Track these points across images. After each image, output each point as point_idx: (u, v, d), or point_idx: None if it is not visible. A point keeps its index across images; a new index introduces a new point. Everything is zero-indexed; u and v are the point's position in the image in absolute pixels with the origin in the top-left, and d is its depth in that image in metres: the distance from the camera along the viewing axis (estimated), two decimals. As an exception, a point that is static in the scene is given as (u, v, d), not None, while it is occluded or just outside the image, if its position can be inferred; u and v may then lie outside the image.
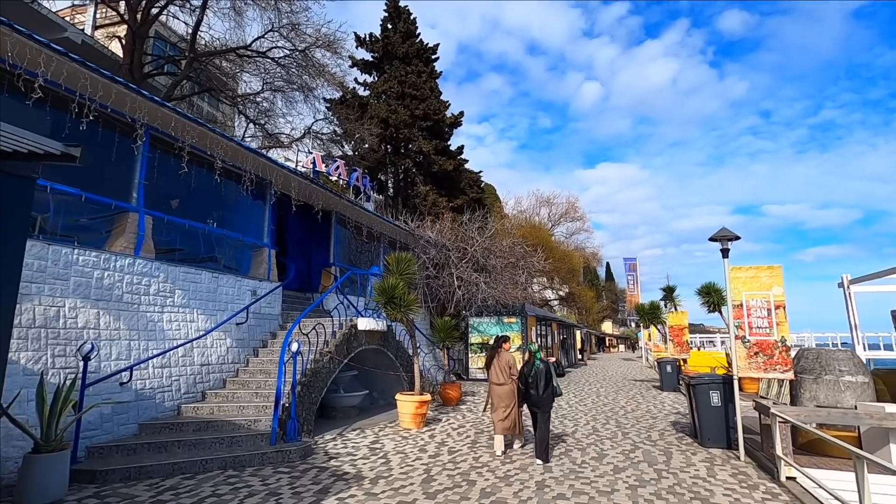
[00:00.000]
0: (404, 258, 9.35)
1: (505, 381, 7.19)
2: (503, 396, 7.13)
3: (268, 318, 9.86)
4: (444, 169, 22.35)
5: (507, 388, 7.17)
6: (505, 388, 7.18)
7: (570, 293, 43.24)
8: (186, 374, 7.72)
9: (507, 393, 7.14)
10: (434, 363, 16.13)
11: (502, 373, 7.23)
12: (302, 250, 12.42)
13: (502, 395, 7.15)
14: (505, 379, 7.20)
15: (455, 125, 23.83)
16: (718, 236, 7.26)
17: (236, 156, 8.84)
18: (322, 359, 8.59)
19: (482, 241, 16.55)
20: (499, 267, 16.61)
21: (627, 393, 15.09)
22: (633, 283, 38.68)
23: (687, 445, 7.58)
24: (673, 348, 17.21)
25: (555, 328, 25.28)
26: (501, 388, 7.19)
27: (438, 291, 15.81)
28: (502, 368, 7.25)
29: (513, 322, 18.34)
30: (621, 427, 9.14)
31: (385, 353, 10.95)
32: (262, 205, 10.29)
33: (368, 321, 9.93)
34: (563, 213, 46.01)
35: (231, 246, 9.40)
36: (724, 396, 7.37)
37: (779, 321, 6.78)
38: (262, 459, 6.34)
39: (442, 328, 12.24)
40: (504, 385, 7.19)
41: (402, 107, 21.81)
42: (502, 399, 7.13)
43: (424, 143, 21.78)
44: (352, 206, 12.49)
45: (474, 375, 18.39)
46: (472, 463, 6.56)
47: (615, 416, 10.40)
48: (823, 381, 6.53)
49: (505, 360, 7.30)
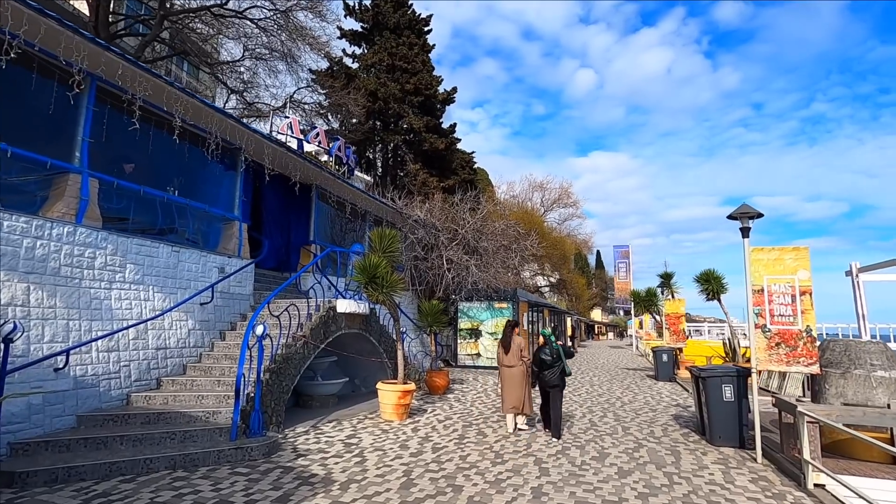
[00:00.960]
0: (388, 234, 8.50)
1: (516, 364, 7.44)
2: (515, 379, 7.39)
3: (238, 299, 8.98)
4: (435, 147, 21.36)
5: (518, 370, 7.42)
6: (515, 370, 7.42)
7: (562, 280, 42.71)
8: (139, 358, 6.85)
9: (518, 374, 7.39)
10: (421, 349, 15.39)
11: (514, 356, 7.46)
12: (279, 226, 11.49)
13: (514, 377, 7.40)
14: (516, 362, 7.45)
15: (447, 102, 22.77)
16: (738, 213, 6.50)
17: (199, 115, 7.86)
18: (295, 343, 7.76)
19: (474, 223, 15.72)
20: (490, 249, 15.82)
21: (622, 383, 14.49)
22: (624, 270, 38.20)
23: (695, 443, 6.91)
24: (669, 337, 16.64)
25: (546, 314, 24.69)
26: (513, 370, 7.43)
27: (427, 274, 15.00)
28: (514, 352, 7.48)
29: (504, 307, 17.62)
30: (620, 421, 8.46)
31: (367, 339, 10.14)
32: (233, 174, 9.33)
33: (349, 303, 9.09)
34: (555, 199, 45.18)
35: (196, 218, 8.46)
36: (737, 391, 6.68)
37: (804, 309, 6.07)
38: (218, 458, 5.54)
39: (429, 312, 11.45)
40: (515, 367, 7.43)
41: (392, 80, 20.71)
42: (514, 380, 7.38)
43: (415, 120, 20.75)
44: (333, 179, 11.54)
45: (463, 362, 17.71)
46: (459, 463, 5.81)
47: (612, 409, 9.74)
48: (852, 376, 5.85)
49: (517, 344, 7.52)
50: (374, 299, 8.05)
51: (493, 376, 14.69)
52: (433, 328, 11.56)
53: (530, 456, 6.15)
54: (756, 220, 6.43)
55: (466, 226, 15.96)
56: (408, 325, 13.79)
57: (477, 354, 17.65)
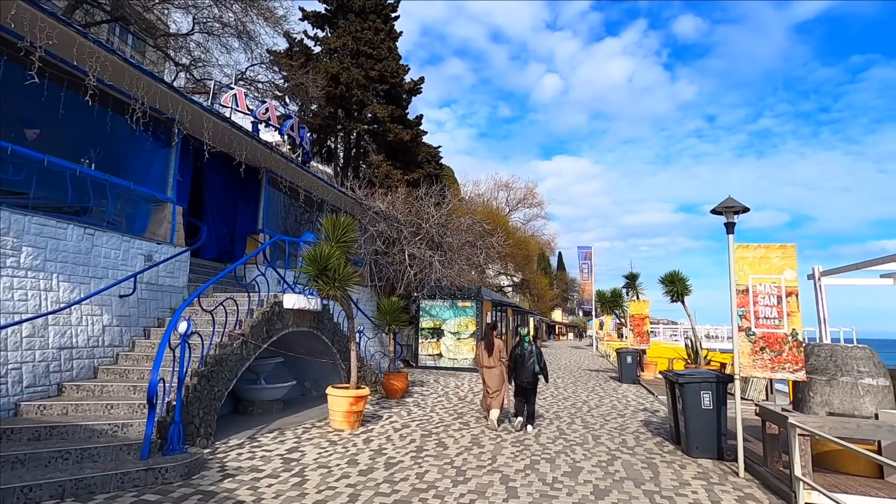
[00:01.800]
0: (343, 223, 7.63)
1: (495, 365, 7.84)
2: (495, 378, 7.79)
3: (168, 291, 7.90)
4: (400, 139, 20.47)
5: (497, 370, 7.82)
6: (495, 370, 7.82)
7: (525, 280, 42.63)
8: (34, 360, 5.72)
9: (497, 374, 7.79)
10: (380, 349, 14.54)
11: (494, 357, 7.86)
12: (223, 213, 10.38)
13: (494, 377, 7.80)
14: (496, 363, 7.85)
15: (414, 92, 21.91)
16: (722, 207, 6.04)
17: (121, 76, 6.75)
18: (232, 343, 6.79)
19: (438, 217, 14.98)
20: (455, 246, 15.12)
21: (586, 385, 14.12)
22: (586, 271, 38.43)
23: (671, 454, 6.42)
24: (633, 338, 16.45)
25: (510, 314, 24.29)
26: (492, 371, 7.82)
27: (387, 269, 14.15)
28: (494, 354, 7.87)
29: (467, 306, 16.99)
30: (590, 428, 7.93)
31: (319, 338, 9.23)
32: (166, 150, 8.21)
33: (297, 298, 8.17)
34: (521, 199, 45.06)
35: (118, 197, 7.33)
36: (716, 398, 6.23)
37: (790, 311, 5.65)
38: (122, 482, 4.56)
39: (389, 310, 10.63)
40: (494, 368, 7.83)
41: (356, 66, 19.67)
42: (493, 379, 7.78)
43: (379, 109, 19.79)
44: (286, 162, 10.52)
45: (424, 363, 16.96)
46: (416, 483, 5.06)
47: (580, 414, 9.22)
48: (839, 384, 5.48)
49: (496, 346, 7.91)
50: (325, 294, 7.17)
51: (454, 378, 14.01)
52: (392, 327, 10.75)
53: (496, 472, 5.46)
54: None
55: (431, 220, 15.20)
56: (365, 323, 12.92)
57: (439, 355, 16.95)
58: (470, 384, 13.02)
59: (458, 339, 16.84)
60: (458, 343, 16.82)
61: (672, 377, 6.72)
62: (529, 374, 7.58)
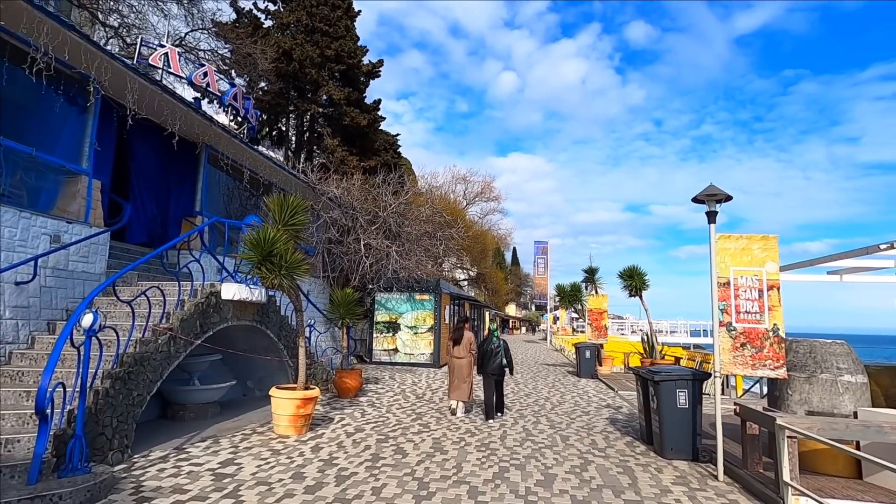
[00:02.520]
0: (292, 203, 6.77)
1: (465, 356, 8.16)
2: (463, 369, 8.11)
3: (81, 279, 6.77)
4: (356, 123, 19.46)
5: (466, 360, 8.14)
6: (464, 360, 8.14)
7: (481, 274, 42.52)
8: None
9: (466, 365, 8.12)
10: (332, 344, 13.65)
11: (463, 349, 8.17)
12: (155, 191, 9.19)
13: (462, 367, 8.12)
14: (465, 354, 8.16)
15: (372, 75, 20.91)
16: (704, 196, 5.70)
17: (17, 17, 5.59)
18: (156, 339, 5.84)
19: (397, 206, 14.23)
20: (414, 235, 14.42)
21: (545, 380, 13.86)
22: (543, 266, 38.73)
23: (644, 456, 6.07)
24: (591, 332, 16.39)
25: (467, 308, 23.87)
26: (462, 361, 8.14)
27: (341, 260, 13.27)
28: (464, 345, 8.18)
29: (425, 299, 16.35)
30: (556, 428, 7.51)
31: (263, 333, 8.32)
32: (82, 114, 7.02)
33: (238, 288, 7.24)
34: (478, 193, 44.88)
35: (16, 165, 6.13)
36: (692, 397, 5.93)
37: (772, 305, 5.39)
38: (-2, 515, 3.62)
39: (342, 302, 9.82)
40: (464, 359, 8.15)
41: (311, 43, 18.46)
42: (462, 370, 8.11)
43: (335, 90, 18.70)
44: (228, 137, 9.44)
45: (379, 358, 16.20)
46: (372, 500, 4.38)
47: (544, 412, 8.83)
48: (818, 381, 5.27)
49: (466, 338, 8.24)
50: (269, 283, 6.31)
51: (411, 374, 13.36)
52: (346, 321, 9.94)
53: (462, 484, 4.88)
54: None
55: (388, 209, 14.41)
56: (317, 317, 12.03)
57: (394, 350, 16.23)
58: (428, 381, 12.42)
59: (416, 334, 16.19)
60: (415, 338, 16.17)
61: (646, 374, 6.37)
62: (497, 366, 8.08)
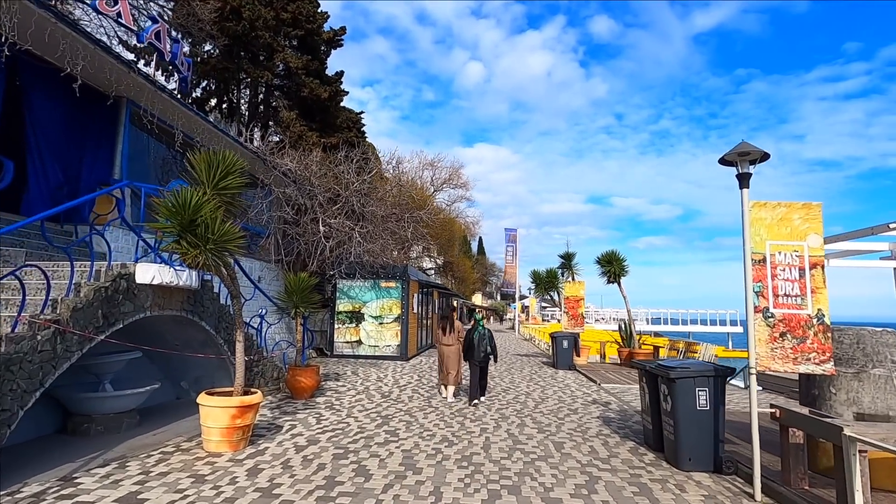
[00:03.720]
0: (224, 159, 5.34)
1: (453, 343, 8.52)
2: (452, 355, 8.50)
3: (-60, 257, 5.17)
4: (316, 95, 17.80)
5: (454, 348, 8.51)
6: (453, 348, 8.51)
7: (448, 262, 41.50)
8: None
9: (455, 352, 8.50)
10: (287, 337, 12.23)
11: (452, 337, 8.54)
12: (62, 154, 7.51)
13: (451, 353, 8.51)
14: (454, 342, 8.52)
15: (334, 44, 19.23)
16: (735, 155, 4.70)
17: None
18: (35, 334, 4.39)
19: (360, 184, 12.86)
20: (379, 216, 13.10)
21: (521, 372, 12.93)
22: (511, 254, 38.05)
23: (656, 467, 5.10)
24: (567, 321, 15.59)
25: (436, 296, 22.75)
26: (451, 349, 8.52)
27: (297, 242, 11.82)
28: (452, 332, 8.56)
29: (392, 287, 15.08)
30: (546, 432, 6.49)
31: (197, 325, 6.90)
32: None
33: (160, 270, 5.79)
34: (446, 179, 43.51)
35: None
36: (713, 396, 4.98)
37: (815, 287, 4.47)
38: None
39: (296, 288, 8.45)
40: (452, 346, 8.52)
41: (265, 4, 16.64)
42: (451, 357, 8.50)
43: (292, 58, 16.96)
44: (152, 89, 7.82)
45: (341, 351, 14.86)
46: (321, 554, 3.17)
47: (528, 412, 7.81)
48: (870, 378, 4.41)
49: (455, 327, 8.65)
50: (190, 259, 4.91)
51: (376, 368, 12.12)
52: (300, 310, 8.58)
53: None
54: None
55: (351, 187, 13.01)
56: (269, 306, 10.58)
57: (358, 342, 14.93)
58: (395, 376, 11.23)
59: (381, 325, 14.93)
60: (380, 329, 14.91)
61: (655, 370, 5.39)
62: (482, 354, 8.35)
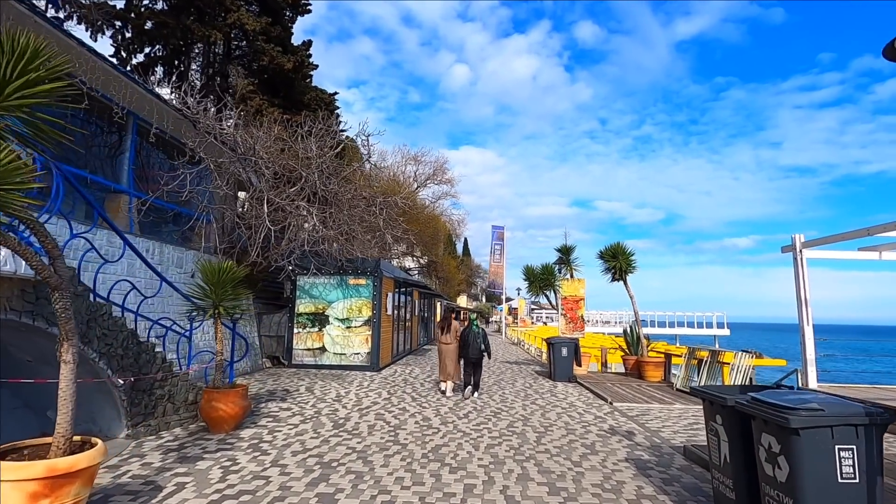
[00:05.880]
0: (17, 46, 3.12)
1: (452, 342, 9.42)
2: (451, 353, 9.37)
3: None
4: (278, 65, 15.48)
5: (453, 346, 9.40)
6: (452, 346, 9.40)
7: (432, 262, 39.31)
8: None
9: (454, 350, 9.37)
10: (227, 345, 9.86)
11: (451, 336, 9.43)
12: None
13: (450, 352, 9.38)
14: (453, 340, 9.42)
15: (299, 9, 16.89)
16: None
17: None
18: None
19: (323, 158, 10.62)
20: (346, 198, 10.88)
21: (513, 385, 10.82)
22: (498, 253, 36.06)
23: (763, 580, 3.01)
24: (565, 325, 13.53)
25: (416, 297, 20.52)
26: (450, 347, 9.41)
27: (238, 226, 9.54)
28: (452, 333, 9.45)
29: (361, 284, 12.87)
30: (559, 492, 4.35)
31: (45, 333, 4.63)
32: None
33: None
34: (430, 175, 41.39)
35: None
36: (867, 459, 2.89)
37: None
38: None
39: (215, 279, 6.17)
40: (451, 345, 9.42)
41: (217, -45, 14.28)
42: (450, 355, 9.37)
43: (248, 19, 14.62)
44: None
45: (301, 360, 12.60)
46: None
47: (529, 450, 5.67)
48: None
49: (454, 327, 9.53)
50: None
51: (339, 382, 9.83)
52: (220, 310, 6.28)
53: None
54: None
55: (313, 165, 10.74)
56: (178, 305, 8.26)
57: (321, 349, 12.67)
58: (360, 392, 9.04)
59: (349, 329, 12.70)
60: (347, 333, 12.68)
61: (751, 407, 3.28)
62: (476, 351, 9.05)
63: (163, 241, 8.83)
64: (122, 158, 8.34)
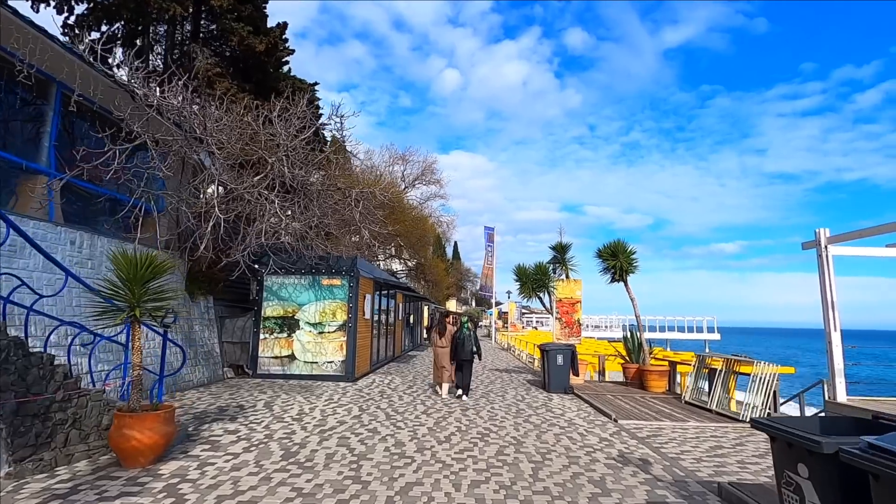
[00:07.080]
0: None
1: (447, 345, 9.76)
2: (445, 355, 9.72)
3: None
4: (249, 47, 14.24)
5: (446, 349, 9.72)
6: (445, 349, 9.75)
7: (420, 265, 38.06)
8: None
9: (447, 353, 9.68)
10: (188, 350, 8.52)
11: (445, 339, 9.82)
12: None
13: (444, 354, 9.75)
14: (447, 343, 9.77)
15: (276, -11, 15.72)
16: None
17: None
18: None
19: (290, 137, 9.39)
20: (316, 188, 9.63)
21: (504, 398, 9.62)
22: (490, 254, 34.95)
23: None
24: (560, 329, 12.38)
25: (400, 300, 19.26)
26: (445, 350, 9.75)
27: (185, 215, 8.24)
28: (446, 336, 9.82)
29: (336, 284, 11.61)
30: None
31: None
32: None
33: None
34: (418, 175, 40.33)
35: None
36: None
37: None
38: None
39: (131, 274, 4.90)
40: (445, 347, 9.79)
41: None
42: (445, 357, 9.73)
43: (215, -6, 13.37)
44: None
45: (268, 369, 11.29)
46: None
47: (523, 488, 4.46)
48: None
49: (448, 331, 9.92)
50: None
51: (307, 396, 8.52)
52: (138, 312, 5.00)
53: None
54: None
55: (280, 151, 9.49)
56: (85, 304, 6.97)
57: (290, 357, 11.37)
58: (327, 409, 7.79)
59: (321, 334, 11.42)
60: (319, 339, 11.40)
61: (882, 464, 2.12)
62: (468, 353, 9.47)
63: (95, 233, 7.52)
64: (42, 133, 7.04)
